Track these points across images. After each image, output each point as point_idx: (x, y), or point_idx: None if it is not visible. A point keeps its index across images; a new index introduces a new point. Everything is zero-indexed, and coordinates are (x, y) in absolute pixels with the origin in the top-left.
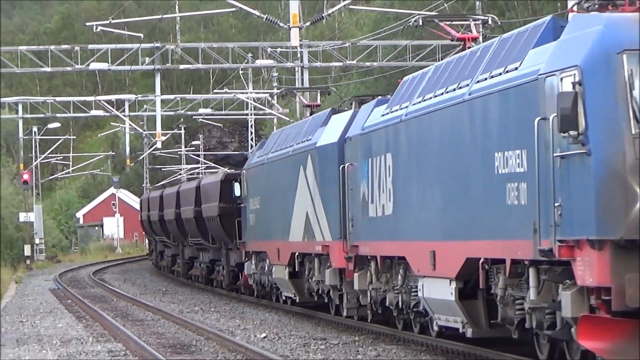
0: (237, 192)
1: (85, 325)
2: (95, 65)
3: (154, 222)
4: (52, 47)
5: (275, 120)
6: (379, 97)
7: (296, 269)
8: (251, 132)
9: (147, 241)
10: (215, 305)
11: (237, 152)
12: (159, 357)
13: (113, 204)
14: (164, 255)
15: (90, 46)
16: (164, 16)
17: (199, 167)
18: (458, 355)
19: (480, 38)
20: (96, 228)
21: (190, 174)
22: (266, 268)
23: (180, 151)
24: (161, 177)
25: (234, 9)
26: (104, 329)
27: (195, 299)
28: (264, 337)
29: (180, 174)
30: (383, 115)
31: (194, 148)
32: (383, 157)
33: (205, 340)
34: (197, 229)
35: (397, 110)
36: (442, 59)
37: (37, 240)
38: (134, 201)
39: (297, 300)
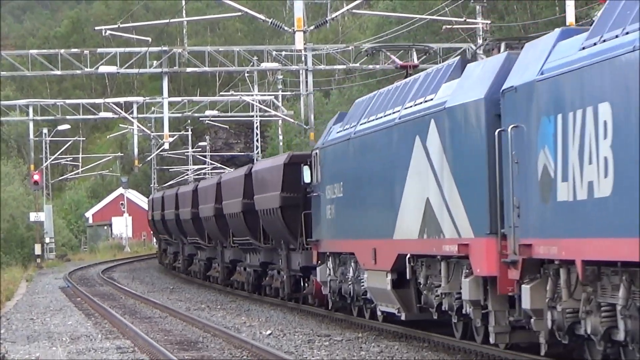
0: (307, 178)
1: (94, 322)
2: (104, 69)
3: (170, 221)
4: (62, 50)
5: (280, 122)
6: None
7: (406, 277)
8: (257, 134)
9: (155, 241)
10: (222, 303)
11: (243, 153)
12: (167, 353)
13: (122, 204)
14: (193, 258)
15: (99, 50)
16: (172, 20)
17: (205, 168)
18: (459, 351)
19: (481, 42)
20: (105, 227)
21: (197, 175)
22: (351, 274)
23: (188, 152)
24: (168, 178)
25: (239, 14)
26: (113, 326)
27: (202, 297)
28: (269, 334)
29: (187, 175)
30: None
31: (200, 149)
32: (590, 111)
33: (211, 337)
34: (245, 225)
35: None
36: (443, 62)
37: (47, 240)
38: (142, 201)
39: (403, 318)
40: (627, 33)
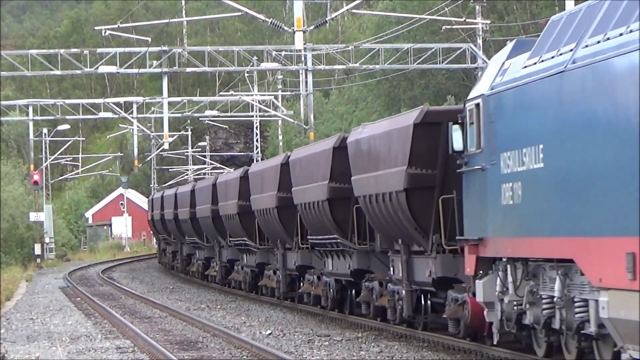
0: (457, 145)
1: (94, 322)
2: (104, 69)
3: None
4: (62, 50)
5: (280, 121)
6: None
7: None
8: (256, 134)
9: (154, 241)
10: (221, 303)
11: (242, 153)
12: (167, 353)
13: (121, 203)
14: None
15: (99, 50)
16: (171, 20)
17: (205, 168)
18: (459, 351)
19: (480, 42)
20: (105, 227)
21: (197, 175)
22: (555, 293)
23: (187, 152)
24: (168, 178)
25: (239, 14)
26: (113, 326)
27: (201, 297)
28: (269, 334)
29: (187, 175)
30: None
31: (200, 149)
32: None
33: (211, 337)
34: (332, 221)
35: None
36: (442, 62)
37: (47, 240)
38: (142, 201)
39: None
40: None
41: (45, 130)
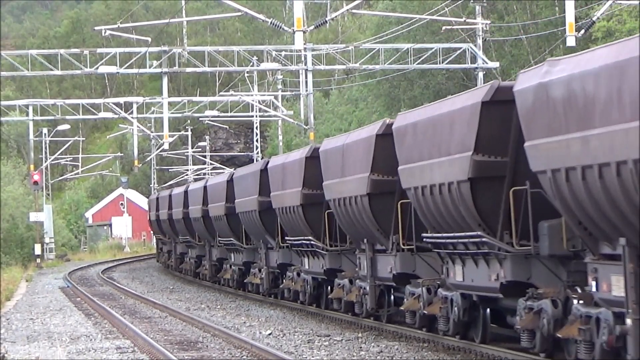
0: None
1: (94, 322)
2: (104, 69)
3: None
4: (62, 50)
5: (280, 121)
6: None
7: None
8: (256, 134)
9: (154, 241)
10: (221, 303)
11: (242, 153)
12: (167, 353)
13: (121, 204)
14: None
15: (99, 50)
16: (171, 20)
17: (205, 168)
18: (459, 351)
19: (480, 42)
20: (105, 227)
21: (197, 175)
22: None
23: (187, 152)
24: (168, 178)
25: (239, 14)
26: (113, 326)
27: (201, 297)
28: (269, 334)
29: (187, 175)
30: None
31: (200, 149)
32: None
33: (211, 337)
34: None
35: None
36: (442, 62)
37: (47, 240)
38: (142, 201)
39: None
40: None
41: (45, 130)
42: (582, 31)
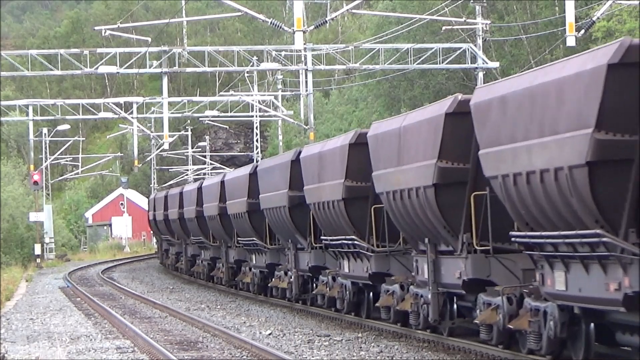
0: None
1: (94, 322)
2: (104, 69)
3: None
4: (62, 50)
5: (280, 121)
6: None
7: None
8: (256, 134)
9: (154, 241)
10: (221, 303)
11: (242, 153)
12: (167, 353)
13: (121, 204)
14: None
15: (99, 50)
16: (171, 20)
17: (205, 168)
18: (459, 351)
19: (480, 42)
20: (105, 227)
21: (197, 175)
22: None
23: (187, 152)
24: (168, 178)
25: (239, 14)
26: (113, 326)
27: (201, 297)
28: (269, 334)
29: (187, 175)
30: None
31: (200, 149)
32: None
33: (211, 337)
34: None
35: None
36: (442, 62)
37: (47, 240)
38: (142, 201)
39: None
40: None
41: (45, 130)
42: (582, 31)
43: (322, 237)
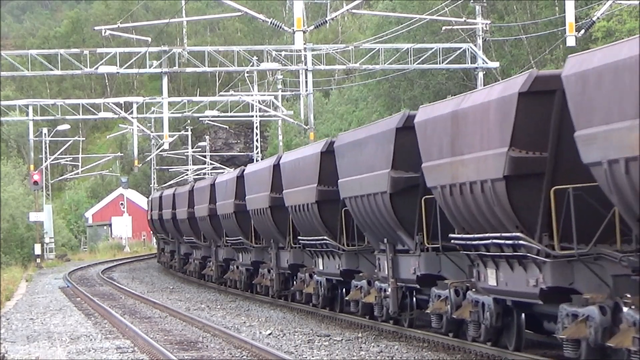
0: None
1: (94, 322)
2: (104, 69)
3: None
4: (62, 50)
5: (280, 121)
6: None
7: None
8: (256, 134)
9: (154, 240)
10: (221, 303)
11: (242, 153)
12: (167, 353)
13: (121, 204)
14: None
15: (99, 50)
16: (171, 20)
17: (205, 168)
18: (459, 351)
19: (480, 42)
20: (105, 227)
21: (197, 175)
22: None
23: (187, 152)
24: (168, 178)
25: (239, 14)
26: (113, 326)
27: (201, 297)
28: (269, 334)
29: (187, 175)
30: None
31: (200, 149)
32: None
33: (211, 337)
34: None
35: None
36: (442, 62)
37: (47, 240)
38: (142, 201)
39: None
40: None
41: (45, 130)
42: (582, 31)
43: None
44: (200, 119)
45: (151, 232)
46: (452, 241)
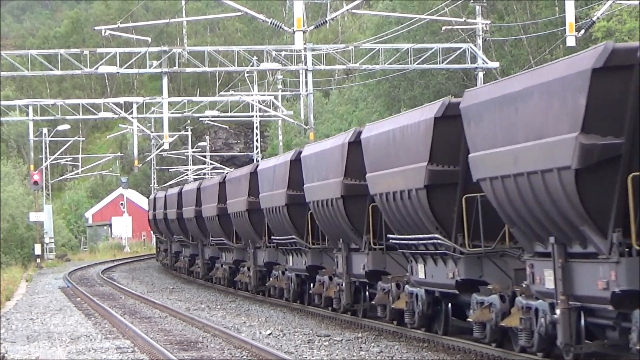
0: None
1: (94, 322)
2: (104, 69)
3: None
4: (62, 50)
5: (280, 121)
6: None
7: None
8: (256, 134)
9: (154, 240)
10: (221, 303)
11: (242, 153)
12: (167, 353)
13: (121, 204)
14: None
15: (99, 50)
16: (171, 20)
17: (205, 168)
18: (459, 352)
19: (480, 42)
20: (105, 227)
21: (197, 175)
22: None
23: (187, 152)
24: (168, 178)
25: (239, 14)
26: (113, 326)
27: (201, 297)
28: (269, 334)
29: (187, 175)
30: None
31: (200, 149)
32: None
33: (211, 337)
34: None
35: None
36: (442, 62)
37: (47, 240)
38: (142, 201)
39: None
40: None
41: (45, 130)
42: (582, 31)
43: (272, 237)
44: (200, 119)
45: (151, 232)
46: (390, 241)
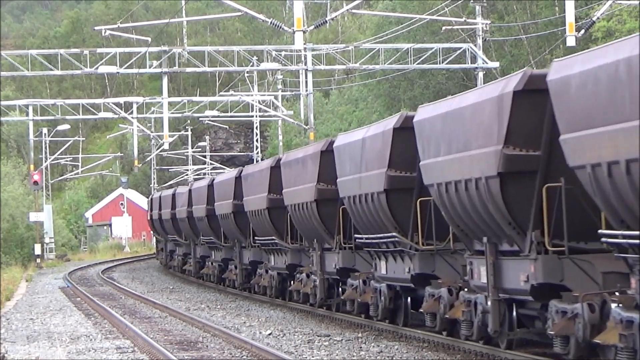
0: None
1: (94, 322)
2: (104, 69)
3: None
4: (62, 50)
5: (280, 121)
6: None
7: None
8: (256, 134)
9: (154, 240)
10: (222, 303)
11: (242, 153)
12: (167, 353)
13: (121, 204)
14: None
15: (99, 50)
16: (171, 20)
17: (205, 168)
18: (459, 351)
19: (480, 42)
20: (105, 227)
21: (197, 175)
22: None
23: (187, 152)
24: (168, 178)
25: (239, 14)
26: (113, 326)
27: (201, 297)
28: (269, 334)
29: (187, 175)
30: None
31: (200, 149)
32: None
33: (211, 337)
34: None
35: None
36: (442, 62)
37: (47, 240)
38: (142, 201)
39: None
40: None
41: (45, 130)
42: (582, 31)
43: (256, 238)
44: (200, 119)
45: (151, 232)
46: (357, 241)
